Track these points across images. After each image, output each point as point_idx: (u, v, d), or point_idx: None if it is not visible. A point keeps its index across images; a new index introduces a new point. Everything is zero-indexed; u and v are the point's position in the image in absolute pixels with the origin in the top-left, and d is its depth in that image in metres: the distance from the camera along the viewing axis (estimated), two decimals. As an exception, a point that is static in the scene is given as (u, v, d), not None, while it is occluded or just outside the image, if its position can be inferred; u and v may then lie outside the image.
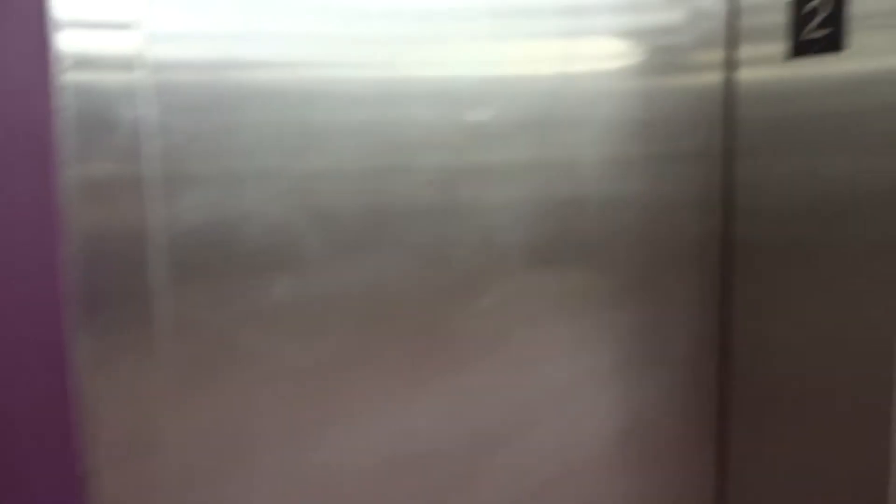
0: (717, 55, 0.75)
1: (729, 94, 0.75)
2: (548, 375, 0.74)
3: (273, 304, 0.63)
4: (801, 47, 0.67)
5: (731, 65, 0.74)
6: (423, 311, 0.69)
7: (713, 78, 0.75)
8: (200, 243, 0.61)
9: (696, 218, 0.77)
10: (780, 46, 0.69)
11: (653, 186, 0.75)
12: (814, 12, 0.66)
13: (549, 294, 0.73)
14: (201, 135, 0.60)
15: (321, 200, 0.64)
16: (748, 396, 0.76)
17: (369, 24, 0.64)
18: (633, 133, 0.73)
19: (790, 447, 0.72)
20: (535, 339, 0.73)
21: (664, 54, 0.73)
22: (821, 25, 0.65)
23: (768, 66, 0.70)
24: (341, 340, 0.66)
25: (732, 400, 0.78)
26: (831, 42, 0.64)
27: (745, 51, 0.73)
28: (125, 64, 0.57)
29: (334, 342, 0.66)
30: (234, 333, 0.62)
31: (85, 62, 0.56)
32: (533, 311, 0.72)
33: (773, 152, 0.70)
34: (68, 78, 0.56)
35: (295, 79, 0.62)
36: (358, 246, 0.66)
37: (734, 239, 0.75)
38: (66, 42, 0.55)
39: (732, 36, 0.74)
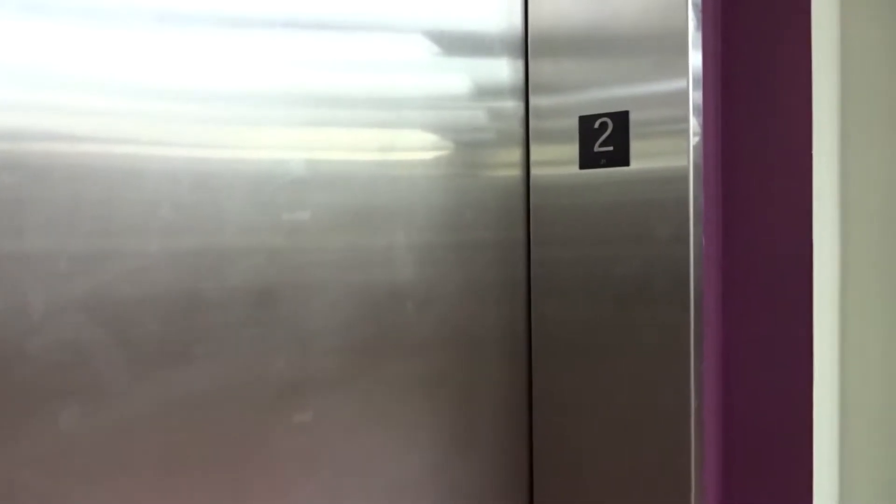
0: (516, 154, 0.81)
1: (527, 189, 0.82)
2: (369, 483, 0.71)
3: (58, 439, 0.53)
4: (590, 159, 0.76)
5: (527, 164, 0.81)
6: (237, 432, 0.61)
7: (514, 173, 0.81)
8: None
9: (501, 301, 0.81)
10: (571, 151, 0.78)
11: (463, 272, 0.77)
12: (601, 128, 0.75)
13: (367, 397, 0.71)
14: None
15: (119, 307, 0.55)
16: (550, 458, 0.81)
17: (185, 105, 0.58)
18: (446, 222, 0.76)
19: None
20: (357, 445, 0.70)
21: (471, 149, 0.77)
22: (607, 142, 0.75)
23: (560, 168, 0.79)
24: (142, 475, 0.57)
25: (540, 472, 0.82)
26: (618, 158, 0.74)
27: (540, 152, 0.81)
28: None
29: (134, 478, 0.56)
30: (9, 479, 0.51)
31: None
32: (353, 416, 0.69)
33: (563, 241, 0.79)
34: None
35: (88, 154, 0.54)
36: (164, 361, 0.57)
37: (537, 317, 0.82)
38: None
39: (529, 137, 0.81)
